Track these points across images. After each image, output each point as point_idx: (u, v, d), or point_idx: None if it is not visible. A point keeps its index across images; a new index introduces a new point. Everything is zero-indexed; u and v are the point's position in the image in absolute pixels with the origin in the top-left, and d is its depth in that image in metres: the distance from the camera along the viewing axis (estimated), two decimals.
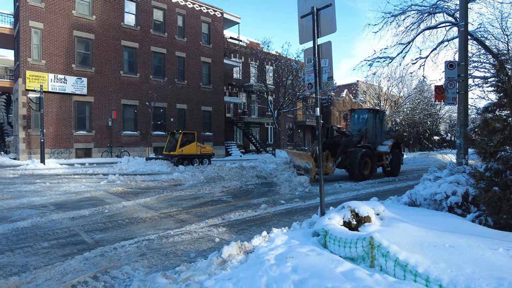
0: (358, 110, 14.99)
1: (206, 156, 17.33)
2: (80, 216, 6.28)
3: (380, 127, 14.13)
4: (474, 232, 3.48)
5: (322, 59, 3.99)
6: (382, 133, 14.17)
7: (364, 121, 13.87)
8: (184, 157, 16.11)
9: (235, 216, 6.22)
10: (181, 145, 16.06)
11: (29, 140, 16.40)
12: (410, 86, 37.93)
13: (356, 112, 14.80)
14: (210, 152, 17.67)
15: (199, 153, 16.88)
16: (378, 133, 13.94)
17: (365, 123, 13.68)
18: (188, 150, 16.32)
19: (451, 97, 7.18)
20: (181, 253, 4.05)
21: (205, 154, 17.28)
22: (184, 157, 16.12)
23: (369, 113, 13.85)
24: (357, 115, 14.55)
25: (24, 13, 16.42)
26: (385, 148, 13.39)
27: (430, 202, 5.04)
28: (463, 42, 7.03)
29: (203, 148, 17.34)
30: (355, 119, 14.58)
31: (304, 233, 3.81)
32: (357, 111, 14.82)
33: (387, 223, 3.67)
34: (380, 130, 14.09)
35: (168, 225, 5.72)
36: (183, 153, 16.10)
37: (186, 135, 16.63)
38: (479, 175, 4.12)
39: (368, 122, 13.68)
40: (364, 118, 13.90)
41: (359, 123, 14.18)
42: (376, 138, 13.72)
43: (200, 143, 17.45)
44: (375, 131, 13.70)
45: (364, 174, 12.02)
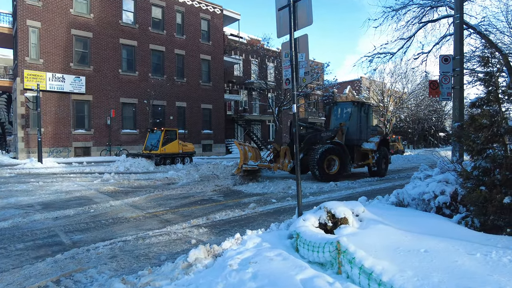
0: (341, 103, 13.66)
1: (187, 155, 16.64)
2: (64, 216, 6.19)
3: (365, 122, 12.71)
4: (456, 235, 3.29)
5: (299, 53, 3.80)
6: (368, 129, 12.77)
7: (347, 115, 12.62)
8: (166, 156, 15.51)
9: (220, 216, 6.07)
10: (163, 143, 15.44)
11: (27, 139, 16.45)
12: (415, 81, 37.37)
13: (339, 105, 13.50)
14: (192, 150, 17.06)
15: (181, 152, 16.19)
16: (363, 129, 12.56)
17: (349, 118, 12.44)
18: (170, 149, 15.69)
19: (446, 92, 6.94)
20: (153, 255, 3.92)
21: (186, 153, 16.57)
22: (166, 156, 15.52)
23: (353, 106, 12.52)
24: (339, 108, 13.30)
25: (22, 12, 16.42)
26: (371, 146, 12.19)
27: (418, 202, 4.83)
28: (458, 35, 6.77)
29: (185, 146, 16.64)
30: (338, 113, 13.25)
31: (279, 235, 3.65)
32: (340, 104, 13.57)
33: (366, 225, 3.49)
34: (365, 126, 12.69)
35: (151, 225, 5.61)
36: (165, 152, 15.47)
37: (168, 132, 16.00)
38: (466, 174, 3.91)
39: (352, 116, 12.40)
40: (348, 112, 12.64)
41: (342, 117, 12.88)
42: (360, 135, 12.41)
43: (181, 141, 16.84)
44: (359, 126, 12.37)
45: (328, 173, 10.71)
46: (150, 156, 14.84)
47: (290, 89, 3.81)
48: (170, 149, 15.66)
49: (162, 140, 15.33)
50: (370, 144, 12.24)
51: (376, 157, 12.08)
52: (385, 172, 12.82)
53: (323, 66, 30.67)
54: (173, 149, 15.79)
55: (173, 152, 15.77)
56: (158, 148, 15.19)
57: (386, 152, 12.74)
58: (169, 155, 15.56)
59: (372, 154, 12.14)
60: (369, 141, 12.43)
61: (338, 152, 10.99)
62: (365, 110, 12.56)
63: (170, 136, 15.93)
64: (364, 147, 12.20)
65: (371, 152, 12.14)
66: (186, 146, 16.65)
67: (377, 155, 12.12)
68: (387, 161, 12.89)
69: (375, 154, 12.12)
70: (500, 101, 3.70)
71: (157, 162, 14.77)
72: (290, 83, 3.88)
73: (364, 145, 12.25)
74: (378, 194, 8.78)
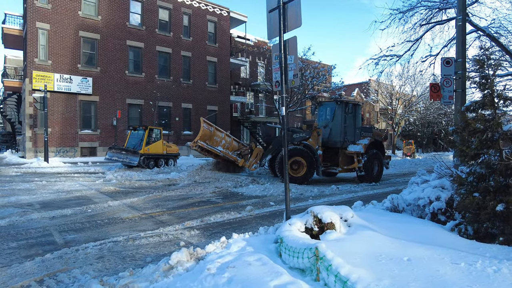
0: (325, 102, 12.89)
1: (172, 156, 15.46)
2: (61, 216, 6.26)
3: (352, 122, 11.80)
4: (445, 243, 3.19)
5: (288, 55, 3.76)
6: (355, 129, 11.84)
7: (331, 115, 11.87)
8: (150, 156, 14.26)
9: (215, 219, 6.05)
10: (147, 142, 14.16)
11: (35, 139, 16.76)
12: (424, 84, 36.82)
13: (324, 105, 12.74)
14: (176, 151, 15.86)
15: (165, 153, 15.00)
16: (349, 130, 11.67)
17: (333, 118, 11.72)
18: (154, 149, 14.41)
19: (448, 95, 6.80)
20: (139, 256, 3.91)
21: (171, 154, 15.39)
22: (150, 157, 14.26)
23: (337, 105, 11.72)
24: (324, 108, 12.54)
25: (31, 14, 16.77)
26: (358, 148, 11.27)
27: (413, 208, 4.72)
28: (461, 37, 6.63)
29: (169, 147, 15.47)
30: (322, 114, 12.52)
31: (265, 239, 3.60)
32: (324, 104, 12.77)
33: (353, 231, 3.42)
34: (352, 126, 11.77)
35: (145, 226, 5.62)
36: (149, 152, 14.17)
37: (152, 131, 14.81)
38: (460, 179, 3.80)
39: (335, 116, 11.64)
40: (332, 112, 11.89)
41: (326, 118, 12.17)
42: (345, 136, 11.54)
43: (165, 141, 15.79)
44: (344, 127, 11.53)
45: (293, 177, 10.27)
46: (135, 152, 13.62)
47: (279, 91, 3.76)
48: (154, 150, 14.39)
49: (145, 139, 14.04)
50: (357, 146, 11.38)
51: (364, 161, 11.25)
52: (378, 177, 11.87)
53: (329, 68, 30.49)
54: (157, 150, 14.55)
55: (157, 153, 14.58)
56: (142, 147, 13.87)
57: (378, 155, 11.81)
58: (152, 156, 14.36)
59: (359, 157, 11.33)
60: (357, 143, 11.58)
61: (305, 154, 10.46)
62: (350, 109, 11.61)
63: (155, 135, 14.78)
64: (349, 150, 11.39)
65: (357, 155, 11.32)
66: (171, 147, 15.57)
67: (365, 158, 11.28)
68: (381, 166, 11.94)
69: (362, 158, 11.30)
70: (496, 105, 3.59)
71: (140, 163, 13.47)
72: (279, 85, 3.83)
73: (350, 147, 11.43)
74: (379, 198, 8.65)
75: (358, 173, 11.52)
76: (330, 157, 11.81)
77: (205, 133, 11.30)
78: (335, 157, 11.80)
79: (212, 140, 11.61)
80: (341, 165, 11.68)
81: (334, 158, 11.80)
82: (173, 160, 15.48)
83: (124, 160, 13.63)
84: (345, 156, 11.67)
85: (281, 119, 3.53)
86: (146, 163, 14.05)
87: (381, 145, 12.51)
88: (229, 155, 11.60)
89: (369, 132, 12.21)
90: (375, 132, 12.42)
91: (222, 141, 11.90)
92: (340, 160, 11.69)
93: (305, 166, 10.51)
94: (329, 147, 11.69)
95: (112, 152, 14.26)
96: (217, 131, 11.99)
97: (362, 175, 11.39)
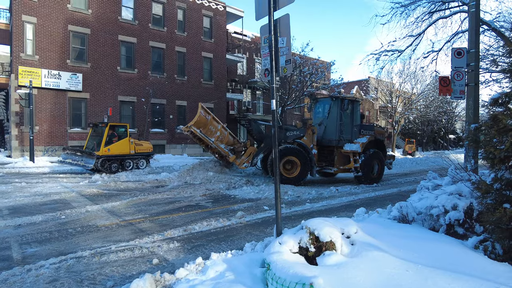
0: (321, 99, 12.26)
1: (143, 156, 13.56)
2: (29, 223, 5.61)
3: (350, 119, 11.27)
4: (473, 268, 2.55)
5: (279, 37, 3.11)
6: (352, 127, 11.31)
7: (326, 112, 11.34)
8: (111, 158, 12.42)
9: (201, 227, 5.41)
10: (107, 142, 12.30)
11: (21, 138, 16.06)
12: (424, 82, 36.18)
13: (319, 101, 12.14)
14: (148, 150, 13.97)
15: (133, 152, 13.12)
16: (346, 128, 11.15)
17: (328, 115, 11.18)
18: (117, 149, 12.52)
19: (459, 90, 6.16)
20: (100, 279, 3.27)
21: (141, 154, 13.48)
22: (111, 159, 12.42)
23: (332, 102, 11.18)
24: (320, 105, 11.96)
25: (17, 7, 16.03)
26: (355, 147, 10.71)
27: (425, 217, 4.09)
28: (474, 25, 5.99)
29: (139, 146, 13.55)
30: (318, 111, 11.99)
31: (251, 261, 2.96)
32: (320, 101, 12.16)
33: (357, 251, 2.78)
34: (349, 124, 11.25)
35: (121, 236, 4.98)
36: (109, 153, 12.31)
37: (115, 128, 12.94)
38: (485, 187, 3.17)
39: (330, 113, 11.10)
40: (327, 108, 11.33)
41: (322, 115, 11.63)
42: (341, 134, 10.97)
43: (135, 139, 13.92)
44: (340, 124, 10.97)
45: (286, 177, 9.85)
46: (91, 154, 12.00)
47: (269, 80, 3.11)
48: (117, 150, 12.53)
49: (105, 138, 12.24)
50: (354, 145, 10.82)
51: (361, 161, 10.66)
52: (378, 178, 11.26)
53: (328, 64, 29.82)
54: (121, 150, 12.65)
55: (121, 153, 12.70)
56: (100, 148, 12.09)
57: (379, 155, 11.19)
58: (115, 157, 12.49)
59: (355, 157, 10.77)
60: (354, 141, 11.02)
61: (298, 154, 9.93)
62: (346, 106, 10.96)
63: (118, 133, 12.89)
64: (345, 149, 10.83)
65: (354, 155, 10.77)
66: (141, 146, 13.62)
67: (362, 158, 10.69)
68: (382, 166, 11.34)
69: (359, 157, 10.72)
70: None
71: (96, 166, 11.83)
72: (269, 74, 3.19)
73: (346, 146, 10.86)
74: (381, 201, 8.05)
75: (354, 173, 10.91)
76: (326, 156, 11.24)
77: (200, 120, 10.61)
78: (330, 156, 11.19)
79: (207, 128, 10.90)
80: (336, 165, 11.06)
81: (330, 158, 11.20)
82: (145, 161, 13.69)
83: (78, 163, 12.07)
84: (341, 156, 11.08)
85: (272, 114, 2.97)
86: (107, 166, 12.22)
87: (382, 144, 11.89)
88: (221, 148, 10.96)
89: (370, 130, 11.56)
90: (377, 130, 11.79)
91: (217, 132, 11.17)
92: (336, 159, 11.08)
93: (299, 166, 9.98)
94: (324, 145, 11.09)
95: (66, 154, 12.79)
96: (214, 121, 11.20)
97: (359, 175, 10.77)
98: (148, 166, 13.79)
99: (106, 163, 12.23)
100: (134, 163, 13.25)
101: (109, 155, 12.31)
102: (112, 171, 12.34)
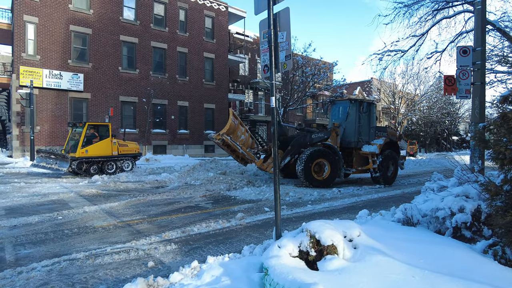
0: (339, 101, 12.34)
1: (127, 158, 12.71)
2: (25, 224, 5.51)
3: (367, 122, 11.44)
4: (483, 275, 2.41)
5: (279, 31, 2.99)
6: (369, 129, 11.48)
7: (344, 114, 11.45)
8: (90, 160, 11.60)
9: (199, 229, 5.29)
10: (85, 143, 11.54)
11: (22, 137, 16.03)
12: (427, 83, 35.97)
13: (337, 104, 12.26)
14: (135, 151, 13.00)
15: (116, 154, 12.29)
16: (364, 130, 11.30)
17: (346, 117, 11.31)
18: (96, 150, 11.74)
19: (464, 89, 6.01)
20: (93, 282, 3.15)
21: (126, 155, 12.65)
22: (90, 161, 11.61)
23: (351, 104, 11.34)
24: (337, 107, 12.09)
25: (19, 7, 16.03)
26: (373, 149, 10.86)
27: (430, 220, 3.95)
28: (480, 23, 5.84)
29: (123, 147, 12.66)
30: (335, 112, 12.09)
31: (249, 265, 2.83)
32: (337, 103, 12.27)
33: (360, 256, 2.64)
34: (366, 126, 11.41)
35: (117, 237, 4.87)
36: (87, 155, 11.50)
37: (96, 128, 12.16)
38: (495, 189, 3.02)
39: (349, 115, 11.25)
40: (345, 111, 11.47)
41: (339, 117, 11.73)
42: (359, 136, 11.15)
43: (119, 139, 12.97)
44: (358, 126, 11.14)
45: (316, 179, 9.81)
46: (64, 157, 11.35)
47: (269, 77, 2.99)
48: (97, 151, 11.76)
49: (82, 138, 11.45)
50: (372, 146, 10.94)
51: (379, 162, 10.81)
52: (393, 179, 11.42)
53: (330, 65, 29.67)
54: (101, 151, 11.89)
55: (102, 154, 11.91)
56: (77, 149, 11.32)
57: (394, 156, 11.34)
58: (94, 159, 11.70)
59: (373, 158, 10.88)
60: (372, 143, 11.13)
61: (328, 155, 9.96)
62: (364, 108, 11.17)
63: (99, 133, 12.17)
64: (363, 150, 10.95)
65: (372, 156, 10.89)
66: (126, 147, 12.78)
67: (380, 159, 10.83)
68: (396, 167, 11.53)
69: (376, 158, 10.84)
70: None
71: (74, 169, 11.15)
72: (268, 70, 3.07)
73: (364, 147, 10.98)
74: (385, 203, 7.89)
75: (372, 174, 11.02)
76: (344, 157, 11.28)
77: (231, 127, 10.49)
78: (349, 157, 11.31)
79: (235, 134, 10.75)
80: (355, 166, 11.18)
81: (348, 159, 11.31)
82: (131, 162, 12.80)
83: (52, 167, 11.40)
84: (359, 157, 11.21)
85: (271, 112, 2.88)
86: (85, 168, 11.53)
87: (396, 145, 12.02)
88: (248, 154, 10.82)
89: (383, 131, 11.76)
90: (389, 132, 11.98)
91: (241, 136, 11.00)
92: (354, 160, 11.21)
93: (329, 168, 10.00)
94: (343, 147, 11.16)
95: (40, 157, 12.03)
96: (240, 125, 11.01)
97: (376, 176, 10.89)
98: (134, 168, 13.00)
99: (84, 166, 11.53)
100: (118, 165, 12.48)
101: (87, 157, 11.51)
102: (91, 173, 11.63)
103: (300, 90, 25.69)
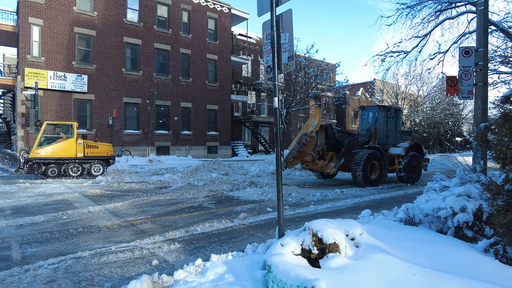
0: (368, 107, 13.59)
1: (97, 160, 11.75)
2: (31, 224, 5.59)
3: (394, 126, 12.61)
4: (484, 273, 2.44)
5: (282, 33, 3.04)
6: (396, 133, 12.63)
7: (373, 119, 12.52)
8: (47, 161, 10.84)
9: (203, 228, 5.33)
10: (41, 142, 10.81)
11: (27, 139, 16.17)
12: (430, 84, 35.84)
13: (366, 109, 13.38)
14: (106, 153, 12.08)
15: (81, 156, 11.31)
16: (391, 133, 12.45)
17: (375, 122, 12.35)
18: (56, 151, 10.88)
19: (467, 90, 6.02)
20: (98, 280, 3.20)
21: (95, 157, 11.69)
22: (47, 162, 10.86)
23: (380, 110, 12.45)
24: (366, 113, 13.20)
25: (24, 9, 16.20)
26: (399, 151, 11.87)
27: (432, 219, 3.97)
28: (482, 24, 5.85)
29: (92, 148, 11.72)
30: (365, 118, 13.19)
31: (252, 263, 2.87)
32: (366, 109, 13.41)
33: (362, 254, 2.67)
34: (393, 130, 12.57)
35: (122, 237, 4.92)
36: (44, 156, 10.75)
37: (58, 128, 11.41)
38: (496, 188, 3.04)
39: (378, 120, 12.31)
40: (374, 116, 12.56)
41: (369, 122, 12.82)
42: (387, 139, 12.27)
43: (90, 140, 12.30)
44: (386, 130, 12.24)
45: (370, 179, 10.70)
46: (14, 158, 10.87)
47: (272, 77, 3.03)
48: (57, 152, 10.90)
49: (39, 138, 10.73)
50: (398, 149, 11.96)
51: (404, 163, 11.72)
52: (416, 179, 12.28)
53: (333, 66, 29.67)
54: (62, 152, 10.99)
55: (62, 156, 11.04)
56: (31, 149, 10.67)
57: (418, 157, 12.22)
58: (52, 160, 10.92)
59: (399, 159, 11.84)
60: (398, 145, 12.18)
61: (378, 157, 11.00)
62: (391, 114, 12.39)
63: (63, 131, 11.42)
64: (390, 152, 11.92)
65: (398, 157, 11.86)
66: (96, 149, 11.80)
67: (405, 160, 11.73)
68: (420, 167, 12.40)
69: (402, 160, 11.80)
70: None
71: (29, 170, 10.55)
72: (271, 71, 3.11)
73: (391, 150, 11.99)
74: (387, 203, 7.90)
75: (398, 174, 12.01)
76: None
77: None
78: None
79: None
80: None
81: None
82: (101, 166, 11.82)
83: (2, 168, 10.93)
84: (387, 158, 12.04)
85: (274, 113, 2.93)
86: (41, 170, 10.85)
87: (420, 148, 12.91)
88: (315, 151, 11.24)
89: (409, 135, 12.85)
90: (414, 136, 13.03)
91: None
92: None
93: (378, 169, 10.96)
94: None
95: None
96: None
97: (402, 176, 11.84)
98: (105, 172, 12.07)
99: (41, 167, 10.83)
100: (85, 169, 11.66)
101: (43, 158, 10.76)
102: (49, 176, 11.00)
103: (303, 91, 25.71)
